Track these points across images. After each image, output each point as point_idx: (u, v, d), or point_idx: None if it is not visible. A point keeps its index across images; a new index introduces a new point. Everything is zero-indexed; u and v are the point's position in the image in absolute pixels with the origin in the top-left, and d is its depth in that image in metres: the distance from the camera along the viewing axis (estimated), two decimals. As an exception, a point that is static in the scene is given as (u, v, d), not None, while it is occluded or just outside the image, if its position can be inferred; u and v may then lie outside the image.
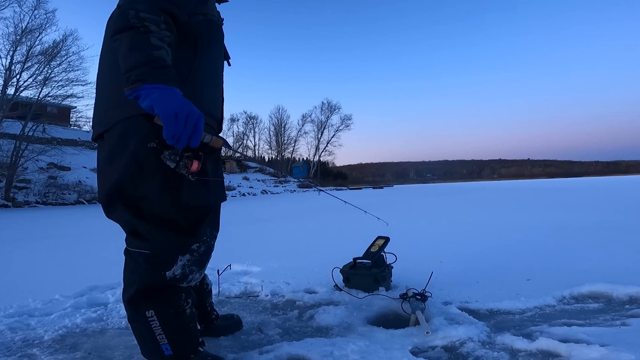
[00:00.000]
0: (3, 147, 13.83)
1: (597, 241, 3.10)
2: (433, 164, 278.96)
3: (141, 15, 0.94)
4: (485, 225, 4.63)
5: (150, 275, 1.08)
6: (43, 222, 7.53)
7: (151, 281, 1.08)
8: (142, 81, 0.90)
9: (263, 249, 3.38)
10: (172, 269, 1.08)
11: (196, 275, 1.15)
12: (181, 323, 1.12)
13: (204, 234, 1.14)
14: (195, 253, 1.12)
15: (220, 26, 1.25)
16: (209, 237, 1.17)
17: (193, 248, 1.11)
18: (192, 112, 0.91)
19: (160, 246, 1.08)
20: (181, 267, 1.09)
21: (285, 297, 1.94)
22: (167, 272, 1.08)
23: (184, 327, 1.12)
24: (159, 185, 1.04)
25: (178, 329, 1.11)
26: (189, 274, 1.11)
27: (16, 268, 2.92)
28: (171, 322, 1.10)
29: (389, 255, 2.00)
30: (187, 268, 1.10)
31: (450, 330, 1.36)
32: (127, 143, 1.04)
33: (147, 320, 1.08)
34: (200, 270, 1.16)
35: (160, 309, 1.09)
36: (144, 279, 1.08)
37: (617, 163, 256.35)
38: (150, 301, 1.08)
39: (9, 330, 1.54)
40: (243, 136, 46.92)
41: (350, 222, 5.88)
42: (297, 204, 12.31)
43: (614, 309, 1.61)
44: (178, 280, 1.10)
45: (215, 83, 1.24)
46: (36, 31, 15.08)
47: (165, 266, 1.08)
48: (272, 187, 28.88)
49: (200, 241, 1.13)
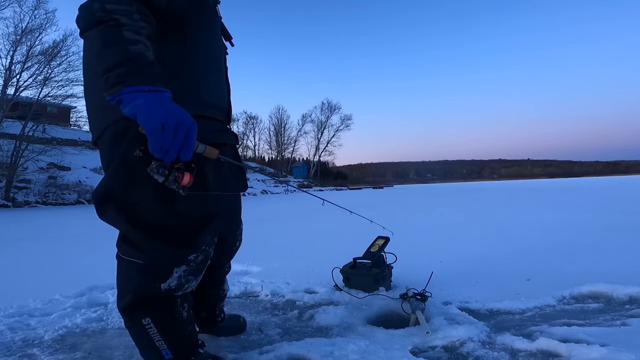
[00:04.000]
0: (3, 147, 13.82)
1: (598, 241, 3.09)
2: (433, 164, 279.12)
3: (108, 7, 0.83)
4: (485, 225, 4.62)
5: (145, 286, 1.03)
6: (43, 222, 7.52)
7: (146, 292, 1.03)
8: (122, 84, 0.79)
9: (263, 249, 3.38)
10: (168, 281, 1.02)
11: (192, 283, 1.09)
12: (179, 327, 1.08)
13: (202, 243, 1.06)
14: (193, 263, 1.05)
15: (213, 6, 1.13)
16: (208, 245, 1.09)
17: (190, 259, 1.04)
18: (182, 120, 0.81)
19: (155, 258, 1.02)
20: (177, 278, 1.03)
21: (285, 297, 1.94)
22: (162, 284, 1.02)
23: (182, 330, 1.09)
24: (151, 192, 0.97)
25: (176, 333, 1.08)
26: (184, 283, 1.05)
27: (16, 268, 2.92)
28: (169, 327, 1.06)
29: (389, 255, 1.99)
30: (183, 279, 1.05)
31: (450, 330, 1.36)
32: (116, 148, 0.97)
33: (145, 328, 1.04)
34: (197, 278, 1.10)
35: (156, 316, 1.04)
36: (138, 290, 1.03)
37: (617, 163, 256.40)
38: (146, 309, 1.04)
39: (9, 330, 1.54)
40: (243, 136, 46.92)
41: (351, 222, 5.87)
42: (297, 204, 12.30)
43: (614, 309, 1.61)
44: (174, 291, 1.04)
45: (215, 70, 1.13)
46: (36, 31, 15.05)
47: (160, 278, 1.02)
48: (272, 187, 28.87)
49: (199, 251, 1.06)
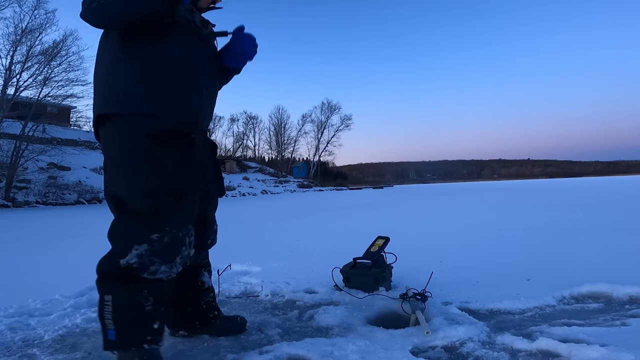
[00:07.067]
0: (3, 147, 13.82)
1: (598, 241, 3.10)
2: (433, 164, 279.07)
3: None
4: (485, 225, 4.63)
5: (106, 260, 1.12)
6: (43, 222, 7.53)
7: (106, 268, 1.12)
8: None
9: (263, 249, 3.38)
10: (126, 257, 1.07)
11: (162, 267, 1.11)
12: (134, 317, 1.11)
13: (167, 224, 1.11)
14: (156, 243, 1.09)
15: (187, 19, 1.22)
16: (176, 228, 1.13)
17: (152, 238, 1.09)
18: None
19: (115, 232, 1.13)
20: (137, 256, 1.08)
21: (285, 297, 1.94)
22: (120, 259, 1.08)
23: (135, 321, 1.12)
24: (122, 174, 1.12)
25: (128, 322, 1.11)
26: (148, 264, 1.08)
27: (16, 268, 2.92)
28: (123, 313, 1.10)
29: (389, 255, 1.99)
30: (145, 258, 1.08)
31: (450, 330, 1.36)
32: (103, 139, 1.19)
33: (104, 303, 1.11)
34: (169, 264, 1.12)
35: (116, 297, 1.11)
36: (101, 265, 1.13)
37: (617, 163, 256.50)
38: (110, 287, 1.12)
39: (9, 330, 1.54)
40: (243, 136, 46.94)
41: (350, 222, 5.88)
42: (297, 204, 12.31)
43: (614, 309, 1.61)
44: (136, 270, 1.08)
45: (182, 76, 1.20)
46: (36, 31, 15.04)
47: (119, 254, 1.09)
48: (272, 187, 28.88)
49: (163, 231, 1.10)
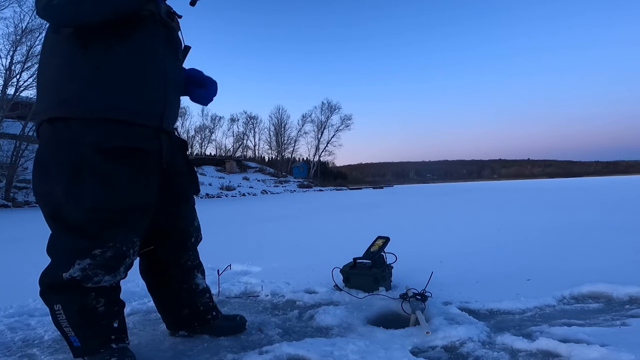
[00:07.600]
0: (3, 147, 13.81)
1: (597, 241, 3.09)
2: (433, 164, 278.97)
3: None
4: (485, 225, 4.62)
5: (49, 273, 1.13)
6: (43, 222, 7.50)
7: (49, 279, 1.12)
8: None
9: (263, 249, 3.38)
10: (69, 271, 1.08)
11: (106, 277, 1.12)
12: (89, 319, 1.13)
13: (111, 239, 1.12)
14: (99, 258, 1.10)
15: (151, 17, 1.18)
16: (121, 242, 1.13)
17: (95, 253, 1.10)
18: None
19: (58, 247, 1.13)
20: (80, 269, 1.09)
21: (285, 297, 1.94)
22: (63, 273, 1.09)
23: (93, 322, 1.13)
24: (62, 187, 1.09)
25: (85, 324, 1.12)
26: (93, 276, 1.10)
27: (16, 268, 2.92)
28: (77, 317, 1.12)
29: (389, 255, 1.99)
30: (89, 271, 1.10)
31: (450, 330, 1.36)
32: (39, 148, 1.16)
33: (56, 313, 1.12)
34: (113, 274, 1.14)
35: (65, 304, 1.12)
36: (43, 278, 1.14)
37: (617, 163, 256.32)
38: (57, 296, 1.12)
39: (9, 330, 1.54)
40: (243, 136, 46.90)
41: (350, 222, 5.88)
42: (297, 204, 12.31)
43: (614, 309, 1.61)
44: (81, 282, 1.09)
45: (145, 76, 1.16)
46: (36, 31, 14.99)
47: (62, 267, 1.09)
48: (272, 187, 28.87)
49: (106, 247, 1.11)
